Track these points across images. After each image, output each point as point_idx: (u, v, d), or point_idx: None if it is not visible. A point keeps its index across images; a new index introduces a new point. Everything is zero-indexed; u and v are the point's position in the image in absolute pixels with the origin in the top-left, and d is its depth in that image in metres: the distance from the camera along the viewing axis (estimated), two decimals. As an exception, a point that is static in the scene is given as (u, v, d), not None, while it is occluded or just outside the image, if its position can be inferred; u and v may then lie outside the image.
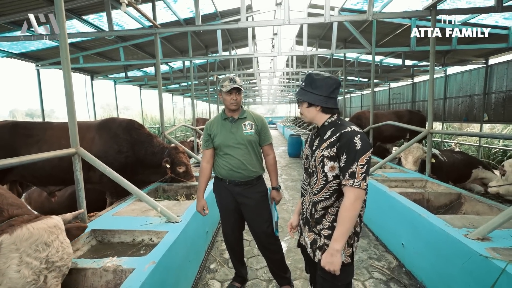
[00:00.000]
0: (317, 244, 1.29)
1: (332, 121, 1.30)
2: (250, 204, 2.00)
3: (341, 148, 1.17)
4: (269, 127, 2.11)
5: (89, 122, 3.60)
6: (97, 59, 7.18)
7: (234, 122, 1.98)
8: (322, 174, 1.24)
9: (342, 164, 1.17)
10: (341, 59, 8.40)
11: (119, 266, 1.51)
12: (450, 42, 5.54)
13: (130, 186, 2.23)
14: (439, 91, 9.09)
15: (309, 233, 1.34)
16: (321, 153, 1.24)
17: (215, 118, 2.08)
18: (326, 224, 1.26)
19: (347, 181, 1.14)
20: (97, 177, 3.15)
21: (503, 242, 1.70)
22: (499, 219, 1.73)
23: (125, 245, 2.03)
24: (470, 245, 1.69)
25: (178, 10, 5.35)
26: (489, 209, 2.47)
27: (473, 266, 1.63)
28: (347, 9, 5.63)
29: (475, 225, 1.99)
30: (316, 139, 1.34)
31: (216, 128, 2.01)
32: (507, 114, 6.72)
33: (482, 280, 1.54)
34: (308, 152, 1.37)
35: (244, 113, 2.02)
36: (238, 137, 1.95)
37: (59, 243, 1.21)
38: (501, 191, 3.07)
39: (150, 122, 17.48)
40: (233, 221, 2.11)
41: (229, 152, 1.96)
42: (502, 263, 1.45)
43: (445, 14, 3.43)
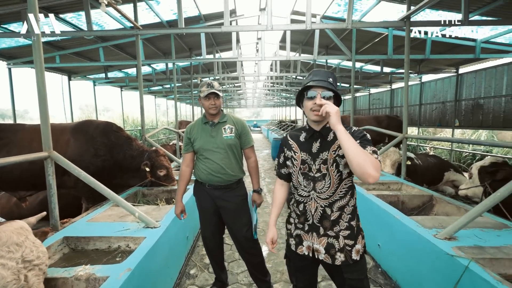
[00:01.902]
0: (335, 247, 1.24)
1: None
2: (230, 208, 2.00)
3: (355, 139, 1.13)
4: (250, 130, 2.12)
5: (64, 124, 3.46)
6: (75, 59, 6.91)
7: (214, 126, 1.99)
8: (336, 174, 1.22)
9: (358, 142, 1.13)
10: (323, 64, 8.62)
11: (92, 275, 1.46)
12: (424, 51, 5.85)
13: (106, 191, 2.16)
14: (415, 97, 9.55)
15: (321, 239, 1.26)
16: (334, 154, 1.21)
17: (195, 122, 2.08)
18: (343, 225, 1.24)
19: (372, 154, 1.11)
20: (72, 181, 3.02)
21: (467, 241, 1.81)
22: (464, 220, 1.84)
23: (100, 252, 1.96)
24: (438, 244, 1.78)
25: (161, 12, 5.28)
26: (457, 210, 2.62)
27: (441, 264, 1.72)
28: (329, 17, 5.81)
29: (444, 226, 2.10)
30: (314, 142, 1.27)
31: (196, 132, 2.01)
32: (475, 120, 7.18)
33: (449, 277, 1.63)
34: (306, 157, 1.28)
35: (224, 117, 2.03)
36: (218, 141, 1.95)
37: (31, 242, 1.20)
38: (469, 193, 3.26)
39: (132, 125, 16.99)
40: (213, 225, 2.10)
41: (208, 156, 1.96)
42: (466, 260, 1.54)
43: (418, 26, 3.63)
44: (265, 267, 2.19)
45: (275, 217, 1.46)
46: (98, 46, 6.08)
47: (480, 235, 1.92)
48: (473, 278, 1.46)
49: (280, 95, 20.20)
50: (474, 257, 1.59)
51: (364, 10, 5.06)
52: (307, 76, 1.29)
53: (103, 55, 6.30)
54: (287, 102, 21.73)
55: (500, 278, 1.38)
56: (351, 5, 3.62)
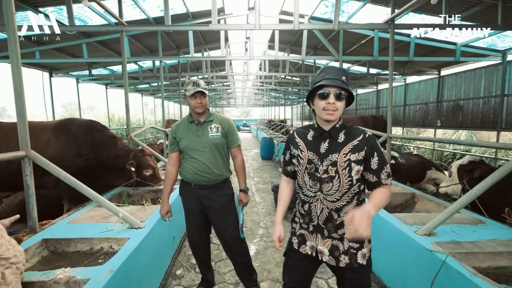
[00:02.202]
0: (339, 250, 1.23)
1: (342, 124, 1.25)
2: (216, 208, 1.99)
3: (371, 152, 1.18)
4: (236, 129, 2.11)
5: (44, 123, 3.34)
6: (56, 55, 6.65)
7: (200, 125, 1.97)
8: (347, 178, 1.19)
9: (375, 166, 1.18)
10: (311, 65, 8.72)
11: (72, 277, 1.41)
12: (408, 54, 6.02)
13: (88, 191, 2.10)
14: (400, 98, 9.82)
15: (325, 240, 1.25)
16: (345, 157, 1.19)
17: (181, 121, 2.05)
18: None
19: (386, 181, 1.20)
20: (52, 182, 2.92)
21: (445, 237, 1.89)
22: (442, 216, 1.92)
23: (82, 254, 1.90)
24: (418, 240, 1.85)
25: (147, 9, 5.18)
26: (437, 207, 2.72)
27: (421, 260, 1.78)
28: (316, 17, 5.88)
29: (424, 222, 2.17)
30: (323, 142, 1.24)
31: (181, 131, 1.98)
32: (456, 120, 7.47)
33: (428, 272, 1.69)
34: (312, 157, 1.24)
35: (210, 116, 2.01)
36: (204, 140, 1.94)
37: (6, 241, 1.17)
38: (449, 190, 3.39)
39: (117, 123, 16.57)
40: (199, 224, 2.08)
41: (194, 156, 1.94)
42: (443, 255, 1.61)
43: (402, 28, 3.73)
44: (252, 266, 2.19)
45: (281, 215, 1.42)
46: (81, 42, 5.88)
47: (457, 230, 2.00)
48: (449, 271, 1.52)
49: (269, 95, 20.25)
50: (451, 251, 1.66)
51: (351, 12, 5.15)
52: (318, 73, 1.23)
53: (86, 52, 6.10)
54: (276, 102, 21.82)
55: (474, 271, 1.44)
56: (338, 7, 3.68)
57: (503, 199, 2.45)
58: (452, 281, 1.51)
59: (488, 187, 1.95)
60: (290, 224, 1.46)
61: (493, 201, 2.52)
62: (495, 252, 1.70)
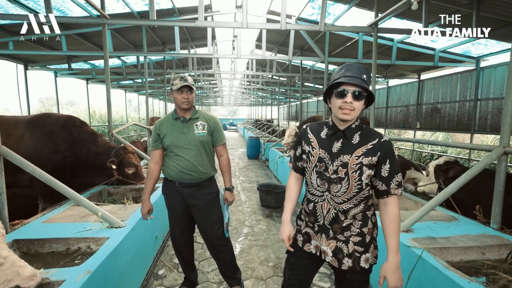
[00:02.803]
0: (343, 252, 1.21)
1: (358, 125, 1.20)
2: (201, 206, 1.97)
3: (384, 158, 1.14)
4: (222, 127, 2.10)
5: (18, 117, 3.17)
6: (32, 46, 6.30)
7: (185, 122, 1.93)
8: (357, 182, 1.16)
9: (386, 173, 1.14)
10: (298, 65, 8.81)
11: (46, 279, 1.35)
12: (390, 57, 6.23)
13: (65, 189, 2.01)
14: (382, 100, 10.14)
15: (329, 241, 1.23)
16: (357, 160, 1.14)
17: (165, 118, 2.01)
18: (355, 231, 1.20)
19: (396, 190, 1.15)
20: (26, 179, 2.78)
21: (422, 233, 1.98)
22: (419, 213, 2.00)
23: (57, 255, 1.83)
24: (397, 236, 1.92)
25: (131, 2, 5.02)
26: (415, 205, 2.84)
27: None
28: (303, 18, 5.95)
29: (403, 219, 2.25)
30: (336, 141, 1.20)
31: (166, 128, 1.94)
32: (434, 122, 7.82)
33: (405, 266, 1.75)
34: (323, 155, 1.21)
35: (196, 113, 1.98)
36: (190, 137, 1.90)
37: None
38: (426, 189, 3.54)
39: (99, 120, 15.99)
40: (182, 223, 2.05)
41: (179, 153, 1.90)
42: (419, 250, 1.68)
43: (384, 32, 3.86)
44: (235, 264, 2.19)
45: (289, 212, 1.36)
46: (59, 34, 5.61)
47: (433, 227, 2.10)
48: (425, 266, 1.59)
49: (256, 94, 20.27)
50: (427, 247, 1.74)
51: (337, 14, 5.26)
52: (338, 70, 1.17)
53: (65, 44, 5.84)
54: (263, 101, 21.89)
55: (447, 265, 1.52)
56: (324, 9, 3.74)
57: (475, 197, 2.60)
58: (427, 275, 1.58)
59: (461, 185, 2.07)
60: (295, 221, 1.41)
61: (466, 198, 2.66)
62: (466, 247, 1.80)
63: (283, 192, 4.52)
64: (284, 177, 5.82)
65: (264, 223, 3.79)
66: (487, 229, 2.07)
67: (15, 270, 1.09)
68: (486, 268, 1.71)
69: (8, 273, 1.08)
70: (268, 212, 4.25)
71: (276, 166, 6.57)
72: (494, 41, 5.45)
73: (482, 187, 2.55)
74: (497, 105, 6.04)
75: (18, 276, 1.09)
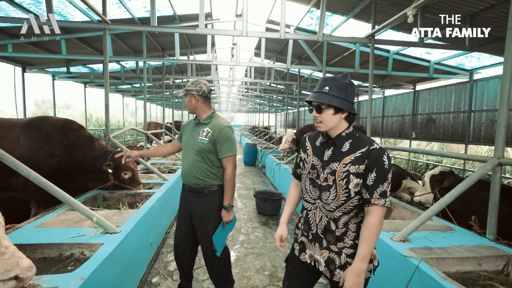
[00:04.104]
0: (335, 264, 1.20)
1: (350, 133, 1.20)
2: (196, 214, 1.96)
3: (371, 166, 1.11)
4: (230, 139, 1.90)
5: (14, 120, 3.14)
6: (31, 49, 6.31)
7: (196, 125, 1.97)
8: (344, 190, 1.15)
9: (370, 182, 1.11)
10: (296, 74, 8.92)
11: (37, 286, 1.31)
12: (386, 68, 6.35)
13: (60, 193, 1.98)
14: (378, 110, 10.27)
15: (322, 251, 1.23)
16: (344, 168, 1.14)
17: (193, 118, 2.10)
18: (348, 243, 1.19)
19: (378, 201, 1.10)
20: (20, 183, 2.73)
21: (419, 243, 1.97)
22: (416, 223, 2.01)
23: (49, 261, 1.78)
24: (394, 246, 1.91)
25: (132, 8, 5.08)
26: (412, 215, 2.84)
27: (396, 265, 1.84)
28: (302, 28, 6.06)
29: (400, 229, 2.26)
30: (327, 149, 1.22)
31: (187, 125, 2.06)
32: (429, 133, 7.92)
33: (402, 277, 1.75)
34: (316, 162, 1.23)
35: (208, 119, 1.96)
36: (193, 141, 1.93)
37: None
38: (422, 199, 3.56)
39: (95, 124, 15.89)
40: (186, 231, 2.03)
41: (185, 154, 1.97)
42: (416, 260, 1.68)
43: (381, 43, 3.94)
44: (230, 276, 2.13)
45: (286, 215, 1.41)
46: (59, 37, 5.63)
47: (430, 237, 2.10)
48: (422, 276, 1.59)
49: (254, 101, 20.39)
50: (424, 257, 1.73)
51: (335, 25, 5.37)
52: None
53: (65, 48, 5.85)
54: (261, 109, 22.00)
55: (444, 276, 1.52)
56: (323, 19, 3.82)
57: (470, 207, 2.62)
58: (424, 285, 1.57)
59: (457, 195, 2.08)
60: (294, 230, 1.43)
61: (462, 209, 2.68)
62: (462, 258, 1.80)
63: (280, 200, 4.52)
64: (280, 185, 5.81)
65: (260, 230, 3.76)
66: (483, 239, 2.08)
67: (15, 261, 1.09)
68: (483, 279, 1.71)
69: (9, 263, 1.07)
70: (265, 219, 4.22)
71: (273, 173, 6.56)
72: (487, 55, 5.60)
73: (477, 197, 2.58)
74: (491, 117, 6.16)
75: (18, 266, 1.09)
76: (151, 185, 3.70)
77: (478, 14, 3.86)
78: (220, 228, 1.94)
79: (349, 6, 4.58)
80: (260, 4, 7.89)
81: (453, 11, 3.88)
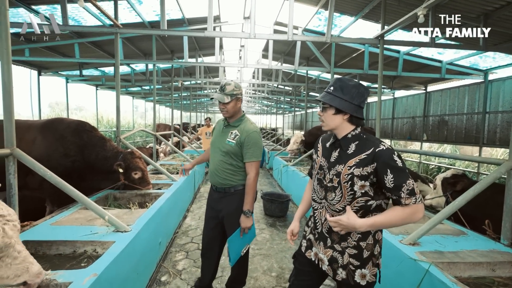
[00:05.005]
0: (338, 263, 1.20)
1: (356, 134, 1.19)
2: (224, 214, 1.97)
3: (383, 168, 1.08)
4: (257, 145, 1.89)
5: (30, 121, 3.25)
6: (46, 53, 6.53)
7: (225, 127, 2.00)
8: (349, 192, 1.15)
9: (391, 184, 1.07)
10: (304, 75, 8.90)
11: (53, 281, 1.36)
12: (396, 69, 6.25)
13: (74, 192, 2.05)
14: (388, 111, 10.12)
15: (326, 250, 1.24)
16: (349, 170, 1.14)
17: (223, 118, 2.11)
18: (351, 243, 1.18)
19: (409, 200, 1.06)
20: (36, 182, 2.83)
21: (429, 246, 1.94)
22: (426, 227, 1.97)
23: (64, 257, 1.84)
24: (403, 249, 1.89)
25: (143, 12, 5.19)
26: (422, 218, 2.79)
27: (405, 268, 1.82)
28: (310, 30, 6.05)
29: (409, 232, 2.22)
30: (334, 151, 1.23)
31: (217, 126, 2.10)
32: (441, 135, 7.74)
33: (411, 281, 1.73)
34: (323, 163, 1.26)
35: (238, 122, 1.96)
36: (221, 142, 1.96)
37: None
38: (433, 202, 3.48)
39: (106, 125, 16.26)
40: (211, 228, 2.06)
41: (213, 154, 2.00)
42: (426, 264, 1.65)
43: (391, 44, 3.90)
44: (245, 277, 2.18)
45: (299, 212, 1.49)
46: (73, 41, 5.81)
47: (441, 241, 2.06)
48: (432, 280, 1.56)
49: (261, 103, 20.43)
50: (434, 261, 1.70)
51: (343, 26, 5.34)
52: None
53: (78, 51, 6.03)
54: (268, 110, 22.01)
55: (455, 280, 1.49)
56: (331, 21, 3.81)
57: (484, 211, 2.55)
58: (434, 290, 1.55)
59: (469, 199, 2.04)
60: (304, 227, 1.45)
61: (475, 213, 2.61)
62: (475, 263, 1.76)
63: (287, 202, 4.51)
64: (288, 186, 5.79)
65: (267, 232, 3.76)
66: (497, 244, 2.03)
67: (25, 266, 1.12)
68: (496, 285, 1.67)
69: (19, 268, 1.10)
70: (272, 221, 4.22)
71: (280, 175, 6.55)
72: (503, 54, 5.44)
73: (491, 201, 2.51)
74: (507, 118, 5.98)
75: (27, 272, 1.12)
76: (160, 186, 3.77)
77: (493, 13, 3.77)
78: (237, 234, 1.89)
79: (358, 7, 4.55)
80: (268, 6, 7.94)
81: (466, 10, 3.80)
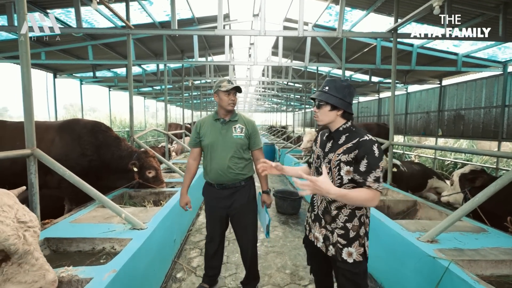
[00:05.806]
0: (330, 241, 1.37)
1: (347, 127, 1.37)
2: (237, 208, 2.00)
3: (362, 154, 1.24)
4: (259, 132, 2.12)
5: (49, 123, 3.36)
6: (61, 56, 6.73)
7: (224, 124, 1.98)
8: (337, 176, 1.32)
9: (363, 168, 1.24)
10: (314, 72, 8.80)
11: (75, 276, 1.41)
12: (410, 63, 6.09)
13: (92, 191, 2.11)
14: (401, 107, 9.87)
15: (320, 229, 1.41)
16: (337, 157, 1.32)
17: (206, 118, 2.08)
18: (339, 224, 1.34)
19: (372, 184, 1.22)
20: (55, 181, 2.93)
21: (448, 244, 1.89)
22: (445, 223, 1.92)
23: (84, 254, 1.91)
24: (421, 247, 1.84)
25: (153, 13, 5.26)
26: (439, 215, 2.72)
27: (423, 266, 1.78)
28: (320, 25, 5.96)
29: (427, 229, 2.17)
30: (328, 142, 1.41)
31: (206, 128, 2.00)
32: (457, 130, 7.49)
33: (430, 278, 1.69)
34: (320, 153, 1.44)
35: (235, 116, 2.02)
36: (227, 139, 1.95)
37: (21, 207, 1.20)
38: (451, 199, 3.38)
39: (119, 126, 16.62)
40: (219, 231, 2.10)
41: (217, 154, 1.95)
42: (446, 262, 1.60)
43: (404, 37, 3.79)
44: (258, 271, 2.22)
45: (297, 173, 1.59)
46: (86, 44, 5.96)
47: (460, 238, 2.00)
48: (453, 278, 1.52)
49: (271, 101, 20.35)
50: (454, 258, 1.66)
51: (354, 20, 5.23)
52: None
53: (91, 53, 6.18)
54: (278, 108, 21.91)
55: (477, 278, 1.44)
56: (342, 15, 3.74)
57: (505, 208, 2.46)
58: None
59: (490, 195, 1.96)
60: (306, 213, 1.61)
61: (495, 210, 2.52)
62: (497, 260, 1.70)
63: (299, 199, 4.49)
64: (299, 184, 5.76)
65: (280, 229, 3.75)
66: (520, 242, 1.95)
67: (42, 273, 1.15)
68: (520, 284, 1.61)
69: (36, 275, 1.13)
70: (284, 218, 4.22)
71: (292, 172, 6.51)
72: (523, 45, 5.20)
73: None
74: (527, 112, 5.72)
75: (44, 279, 1.15)
76: (173, 184, 3.83)
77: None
78: (265, 211, 2.07)
79: (369, 0, 4.44)
80: (277, 3, 7.87)
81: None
